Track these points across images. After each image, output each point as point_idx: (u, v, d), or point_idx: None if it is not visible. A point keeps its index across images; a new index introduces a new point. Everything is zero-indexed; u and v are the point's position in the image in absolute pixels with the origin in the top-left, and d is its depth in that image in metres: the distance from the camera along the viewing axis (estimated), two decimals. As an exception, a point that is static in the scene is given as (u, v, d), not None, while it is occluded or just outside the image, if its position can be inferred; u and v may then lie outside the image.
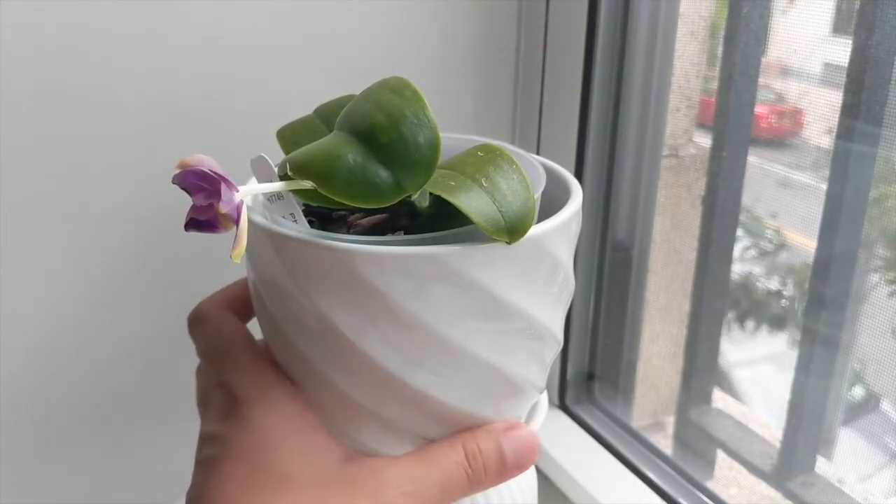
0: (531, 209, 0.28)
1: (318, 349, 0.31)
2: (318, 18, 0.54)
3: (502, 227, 0.27)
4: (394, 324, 0.29)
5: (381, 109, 0.28)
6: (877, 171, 0.44)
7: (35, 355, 0.53)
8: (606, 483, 0.59)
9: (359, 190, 0.27)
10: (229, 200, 0.26)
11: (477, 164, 0.29)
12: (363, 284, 0.28)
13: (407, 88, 0.28)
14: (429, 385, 0.30)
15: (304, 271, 0.29)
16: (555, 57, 0.60)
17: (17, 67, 0.46)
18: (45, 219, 0.50)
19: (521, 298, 0.30)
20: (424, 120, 0.27)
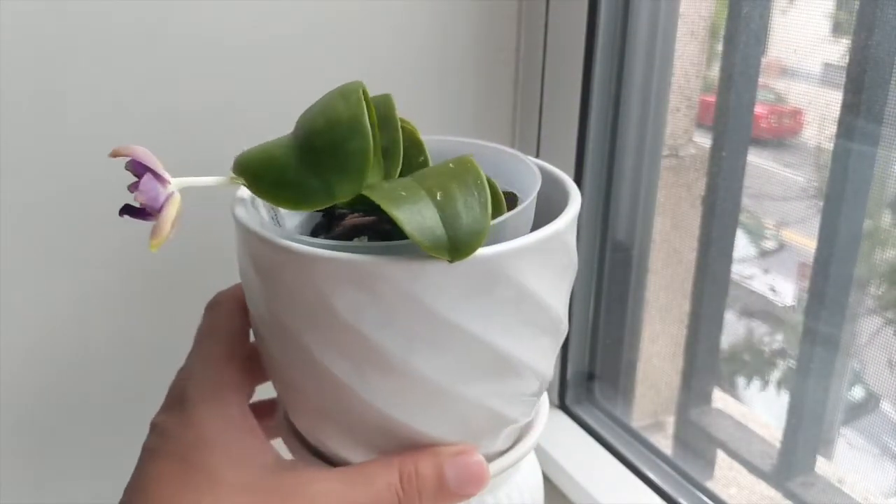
0: (482, 230, 0.26)
1: (276, 343, 0.31)
2: (318, 19, 0.54)
3: (443, 244, 0.26)
4: (330, 326, 0.29)
5: (323, 114, 0.28)
6: (876, 170, 0.44)
7: (35, 355, 0.53)
8: (606, 483, 0.59)
9: (287, 193, 0.27)
10: (149, 190, 0.26)
11: (442, 176, 0.28)
12: (303, 284, 0.28)
13: (354, 94, 0.28)
14: (374, 396, 0.29)
15: (259, 264, 0.30)
16: (555, 57, 0.60)
17: (17, 68, 0.46)
18: (46, 219, 0.50)
19: (472, 322, 0.28)
20: (358, 127, 0.27)
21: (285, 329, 0.30)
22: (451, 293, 0.28)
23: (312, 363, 0.30)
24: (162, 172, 0.27)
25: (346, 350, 0.29)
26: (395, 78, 0.58)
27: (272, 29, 0.53)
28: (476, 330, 0.28)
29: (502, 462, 0.34)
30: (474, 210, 0.27)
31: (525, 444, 0.35)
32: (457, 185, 0.28)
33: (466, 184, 0.28)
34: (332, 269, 0.27)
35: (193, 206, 0.53)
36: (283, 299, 0.30)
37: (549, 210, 0.32)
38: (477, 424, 0.32)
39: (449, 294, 0.28)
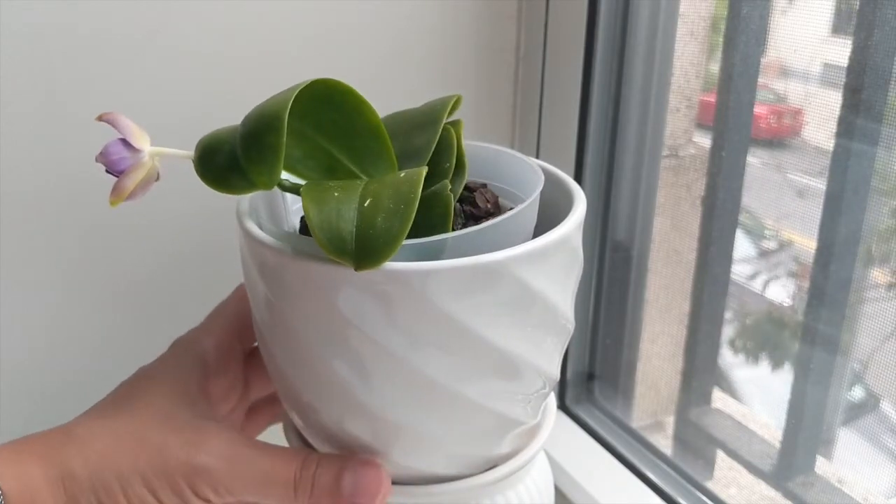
0: (391, 243, 0.26)
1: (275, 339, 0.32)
2: (318, 19, 0.54)
3: (348, 250, 0.26)
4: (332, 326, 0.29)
5: (259, 107, 0.29)
6: (876, 170, 0.44)
7: (36, 355, 0.53)
8: (606, 483, 0.59)
9: (215, 176, 0.29)
10: (110, 153, 0.29)
11: (387, 184, 0.28)
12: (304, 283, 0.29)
13: (293, 90, 0.28)
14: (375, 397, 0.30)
15: (261, 265, 0.31)
16: (555, 57, 0.60)
17: (17, 69, 0.46)
18: (47, 219, 0.50)
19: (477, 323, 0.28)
20: (275, 123, 0.27)
21: (286, 326, 0.30)
22: (458, 295, 0.28)
23: (314, 363, 0.30)
24: (133, 140, 0.29)
25: (348, 350, 0.29)
26: (395, 78, 0.58)
27: (272, 30, 0.53)
28: (481, 331, 0.28)
29: (510, 466, 0.34)
30: (391, 223, 0.26)
31: (532, 447, 0.35)
32: (390, 195, 0.27)
33: (400, 194, 0.27)
34: (334, 269, 0.27)
35: (196, 206, 0.53)
36: (283, 298, 0.30)
37: (554, 213, 0.32)
38: (482, 426, 0.32)
39: (456, 296, 0.27)
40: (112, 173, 0.29)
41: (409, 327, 0.28)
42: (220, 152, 0.29)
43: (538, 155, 0.63)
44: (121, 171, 0.29)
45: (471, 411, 0.30)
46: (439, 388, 0.29)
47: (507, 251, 0.28)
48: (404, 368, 0.29)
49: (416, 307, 0.28)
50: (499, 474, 0.34)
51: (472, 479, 0.34)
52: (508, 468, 0.34)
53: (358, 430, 0.31)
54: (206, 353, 0.37)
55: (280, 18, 0.53)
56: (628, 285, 0.63)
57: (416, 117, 0.34)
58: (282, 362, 0.32)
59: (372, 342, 0.28)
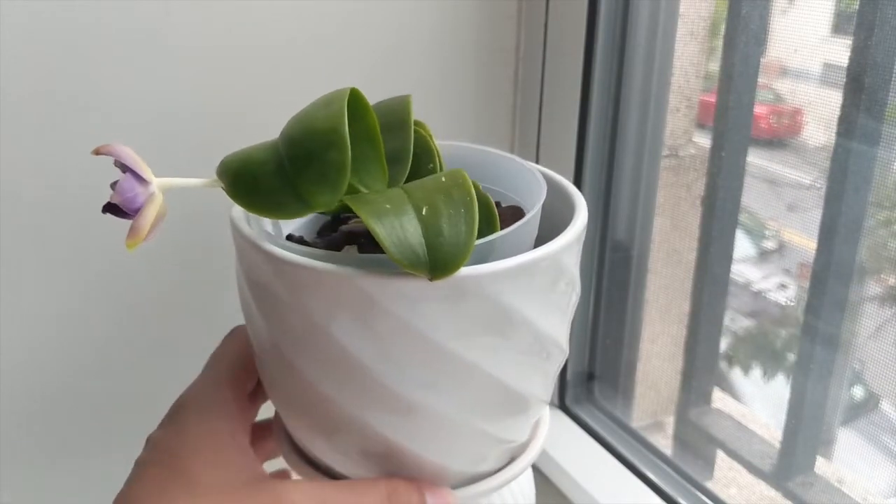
0: (464, 249, 0.25)
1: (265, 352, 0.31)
2: (318, 20, 0.54)
3: (423, 261, 0.25)
4: (307, 338, 0.28)
5: (302, 121, 0.27)
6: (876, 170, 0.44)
7: (35, 357, 0.53)
8: (606, 483, 0.59)
9: (261, 201, 0.27)
10: (125, 190, 0.26)
11: (430, 189, 0.27)
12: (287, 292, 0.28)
13: (337, 102, 0.27)
14: (358, 410, 0.29)
15: (246, 266, 0.30)
16: (555, 57, 0.60)
17: (18, 70, 0.46)
18: (47, 220, 0.50)
19: (437, 333, 0.27)
20: (336, 139, 0.26)
21: (273, 338, 0.30)
22: (430, 311, 0.27)
23: (298, 376, 0.29)
24: (143, 173, 0.27)
25: (327, 362, 0.28)
26: (395, 78, 0.58)
27: (272, 31, 0.53)
28: (458, 350, 0.28)
29: (501, 477, 0.34)
30: (458, 228, 0.26)
31: (524, 459, 0.35)
32: (444, 200, 0.26)
33: (454, 199, 0.26)
34: (313, 279, 0.27)
35: (197, 208, 0.53)
36: (268, 302, 0.29)
37: (556, 223, 0.31)
38: (472, 447, 0.31)
39: (430, 313, 0.27)
40: (126, 213, 0.27)
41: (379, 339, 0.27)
42: (263, 175, 0.26)
43: (538, 155, 0.63)
44: (136, 209, 0.26)
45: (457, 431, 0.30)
46: (408, 402, 0.29)
47: (478, 267, 0.27)
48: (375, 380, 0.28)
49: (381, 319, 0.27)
50: (486, 487, 0.34)
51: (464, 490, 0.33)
52: (497, 481, 0.34)
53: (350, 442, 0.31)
54: (228, 405, 0.35)
55: (280, 19, 0.53)
56: (628, 285, 0.63)
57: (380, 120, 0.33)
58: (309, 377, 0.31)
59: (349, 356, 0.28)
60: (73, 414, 0.55)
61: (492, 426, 0.31)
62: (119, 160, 0.26)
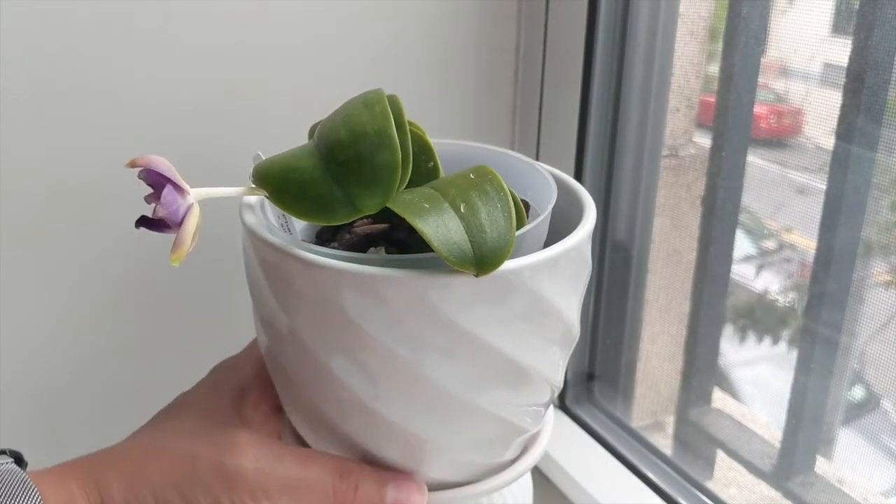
0: (507, 243, 0.26)
1: (285, 353, 0.31)
2: (318, 20, 0.54)
3: (469, 258, 0.25)
4: (346, 339, 0.28)
5: (346, 124, 0.27)
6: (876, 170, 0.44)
7: (36, 357, 0.53)
8: (606, 483, 0.59)
9: (310, 206, 0.26)
10: (169, 203, 0.25)
11: (463, 187, 0.28)
12: (323, 297, 0.27)
13: (379, 104, 0.27)
14: (384, 405, 0.29)
15: (275, 276, 0.29)
16: (555, 57, 0.60)
17: (19, 70, 0.46)
18: (47, 221, 0.50)
19: (493, 335, 0.28)
20: (386, 140, 0.26)
21: (296, 337, 0.29)
22: (470, 305, 0.27)
23: (323, 372, 0.29)
24: (181, 183, 0.26)
25: (362, 360, 0.28)
26: (395, 78, 0.58)
27: (273, 31, 0.53)
28: (491, 340, 0.28)
29: (512, 472, 0.34)
30: (499, 222, 0.26)
31: (533, 453, 0.35)
32: (478, 196, 0.27)
33: (488, 195, 0.27)
34: (355, 282, 0.27)
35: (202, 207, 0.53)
36: (297, 309, 0.29)
37: (561, 219, 0.32)
38: (489, 434, 0.32)
39: (469, 306, 0.27)
40: (161, 227, 0.26)
41: (416, 334, 0.28)
42: (311, 181, 0.26)
43: (538, 154, 0.63)
44: (179, 222, 0.26)
45: (478, 419, 0.30)
46: (447, 396, 0.29)
47: (519, 260, 0.27)
48: (411, 374, 0.28)
49: (423, 315, 0.27)
50: (499, 482, 0.34)
51: (472, 487, 0.33)
52: (509, 476, 0.34)
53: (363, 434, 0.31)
54: (244, 378, 0.35)
55: (280, 19, 0.53)
56: (628, 285, 0.63)
57: None
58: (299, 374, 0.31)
59: (380, 346, 0.28)
60: (74, 414, 0.55)
61: (513, 413, 0.31)
62: (157, 172, 0.25)
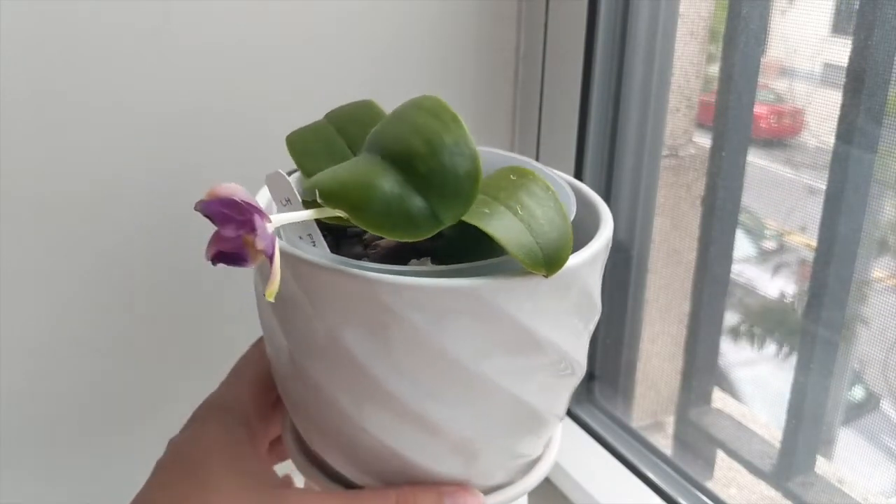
0: (569, 240, 0.26)
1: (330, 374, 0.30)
2: (318, 20, 0.54)
3: (540, 259, 0.26)
4: (414, 355, 0.27)
5: (419, 135, 0.26)
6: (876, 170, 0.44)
7: (37, 356, 0.53)
8: (606, 483, 0.59)
9: (395, 222, 0.25)
10: (265, 235, 0.23)
11: (510, 189, 0.28)
12: (388, 314, 0.26)
13: (445, 112, 0.27)
14: (444, 417, 0.29)
15: (322, 297, 0.28)
16: (555, 57, 0.60)
17: (19, 71, 0.46)
18: (48, 222, 0.50)
19: (552, 331, 0.28)
20: (465, 150, 0.26)
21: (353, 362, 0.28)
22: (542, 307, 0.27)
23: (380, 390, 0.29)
24: (265, 213, 0.24)
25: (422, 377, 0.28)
26: (395, 78, 0.58)
27: (273, 31, 0.53)
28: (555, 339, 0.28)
29: (512, 491, 0.34)
30: (556, 222, 0.27)
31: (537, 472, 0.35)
32: (528, 197, 0.27)
33: (537, 195, 0.27)
34: (433, 298, 0.26)
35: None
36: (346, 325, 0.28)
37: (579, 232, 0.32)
38: (535, 431, 0.31)
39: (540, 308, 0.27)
40: (239, 261, 0.24)
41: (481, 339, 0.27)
42: (391, 198, 0.25)
43: (538, 155, 0.63)
44: (273, 253, 0.24)
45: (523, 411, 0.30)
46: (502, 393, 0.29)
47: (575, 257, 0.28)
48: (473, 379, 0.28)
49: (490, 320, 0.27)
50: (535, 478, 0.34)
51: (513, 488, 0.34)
52: (507, 496, 0.34)
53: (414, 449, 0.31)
54: (247, 413, 0.35)
55: (280, 19, 0.53)
56: (628, 285, 0.63)
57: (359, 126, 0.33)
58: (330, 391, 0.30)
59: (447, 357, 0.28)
60: (75, 415, 0.55)
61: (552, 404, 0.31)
62: (241, 202, 0.23)
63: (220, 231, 0.24)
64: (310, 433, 0.33)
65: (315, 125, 0.35)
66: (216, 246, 0.24)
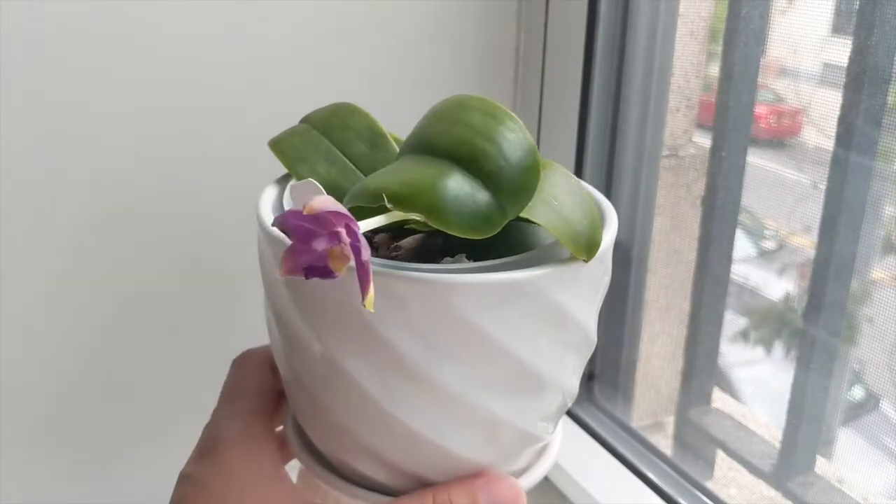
0: (599, 224, 0.28)
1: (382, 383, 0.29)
2: (318, 20, 0.54)
3: (582, 244, 0.27)
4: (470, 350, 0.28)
5: (481, 134, 0.27)
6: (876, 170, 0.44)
7: (37, 358, 0.53)
8: (606, 483, 0.59)
9: (471, 219, 0.26)
10: (364, 248, 0.23)
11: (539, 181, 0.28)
12: (454, 314, 0.27)
13: (500, 111, 0.28)
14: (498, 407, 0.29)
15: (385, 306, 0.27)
16: (555, 57, 0.60)
17: (20, 72, 0.46)
18: (48, 222, 0.50)
19: (583, 312, 0.30)
20: (526, 144, 0.27)
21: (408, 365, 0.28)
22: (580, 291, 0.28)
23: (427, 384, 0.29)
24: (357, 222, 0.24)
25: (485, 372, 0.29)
26: (395, 78, 0.58)
27: (272, 31, 0.53)
28: (584, 319, 0.29)
29: (525, 481, 0.34)
30: (584, 207, 0.28)
31: (545, 461, 0.35)
32: (556, 188, 0.28)
33: (563, 185, 0.29)
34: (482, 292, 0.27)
35: (200, 208, 0.53)
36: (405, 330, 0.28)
37: None
38: (505, 442, 0.31)
39: (579, 292, 0.28)
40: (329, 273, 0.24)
41: (529, 328, 0.28)
42: (464, 195, 0.26)
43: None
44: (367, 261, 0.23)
45: (492, 425, 0.30)
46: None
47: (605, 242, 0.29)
48: (520, 365, 0.29)
49: (539, 308, 0.28)
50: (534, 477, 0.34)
51: None
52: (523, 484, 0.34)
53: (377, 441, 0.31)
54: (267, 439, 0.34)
55: (280, 21, 0.53)
56: (628, 285, 0.63)
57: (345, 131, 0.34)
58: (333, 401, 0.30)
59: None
60: (75, 417, 0.55)
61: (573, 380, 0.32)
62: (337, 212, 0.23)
63: (310, 244, 0.24)
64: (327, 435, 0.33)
65: (295, 129, 0.35)
66: (302, 260, 0.24)
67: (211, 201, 0.53)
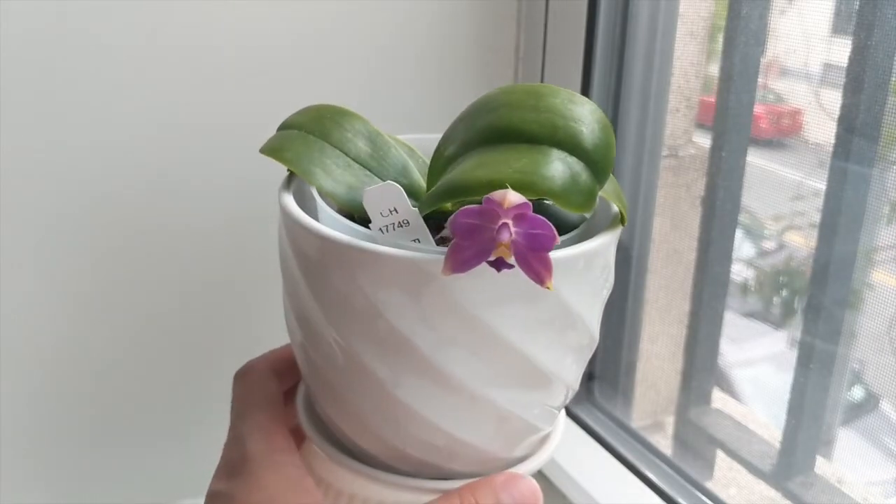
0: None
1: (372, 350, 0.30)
2: (317, 20, 0.54)
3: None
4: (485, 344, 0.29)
5: (572, 118, 0.29)
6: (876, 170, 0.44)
7: (38, 358, 0.53)
8: (606, 483, 0.59)
9: (582, 198, 0.28)
10: (548, 229, 0.25)
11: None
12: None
13: (577, 97, 0.30)
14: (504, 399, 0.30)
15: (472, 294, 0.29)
16: (555, 57, 0.60)
17: (20, 74, 0.47)
18: (48, 222, 0.50)
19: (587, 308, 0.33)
20: (606, 123, 0.29)
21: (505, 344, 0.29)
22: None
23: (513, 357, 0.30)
24: None
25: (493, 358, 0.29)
26: (395, 77, 0.58)
27: (271, 30, 0.53)
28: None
29: (524, 468, 0.35)
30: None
31: (546, 450, 0.36)
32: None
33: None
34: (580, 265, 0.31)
35: (198, 208, 0.53)
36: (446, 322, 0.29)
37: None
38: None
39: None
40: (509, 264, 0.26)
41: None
42: (578, 177, 0.28)
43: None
44: None
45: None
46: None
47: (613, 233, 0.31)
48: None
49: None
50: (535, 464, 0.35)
51: None
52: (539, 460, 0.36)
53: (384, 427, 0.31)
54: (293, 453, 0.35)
55: (278, 19, 0.53)
56: (628, 285, 0.63)
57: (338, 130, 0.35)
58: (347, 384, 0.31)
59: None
60: (75, 415, 0.55)
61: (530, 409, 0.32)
62: (527, 204, 0.25)
63: (474, 240, 0.25)
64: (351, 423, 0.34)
65: (289, 135, 0.34)
66: (465, 255, 0.25)
67: (212, 201, 0.53)
